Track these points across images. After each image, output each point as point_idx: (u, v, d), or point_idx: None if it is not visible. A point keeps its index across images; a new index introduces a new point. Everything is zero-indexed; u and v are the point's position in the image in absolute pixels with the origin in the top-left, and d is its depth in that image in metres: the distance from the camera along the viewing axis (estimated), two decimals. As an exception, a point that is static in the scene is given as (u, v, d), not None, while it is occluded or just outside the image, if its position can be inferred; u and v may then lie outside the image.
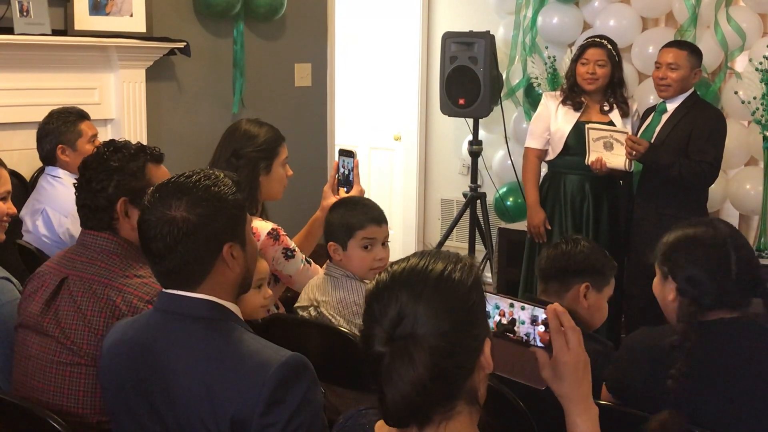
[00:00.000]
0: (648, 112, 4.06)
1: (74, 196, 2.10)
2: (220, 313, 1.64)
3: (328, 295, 2.45)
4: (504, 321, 1.47)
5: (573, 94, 4.07)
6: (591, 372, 1.49)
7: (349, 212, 2.50)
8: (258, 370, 1.52)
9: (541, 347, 1.44)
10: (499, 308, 1.48)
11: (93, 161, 2.07)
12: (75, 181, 2.11)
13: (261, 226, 2.62)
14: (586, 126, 3.91)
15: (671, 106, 3.89)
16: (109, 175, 2.04)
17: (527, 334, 1.45)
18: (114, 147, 2.10)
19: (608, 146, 3.85)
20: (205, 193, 1.64)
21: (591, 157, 3.88)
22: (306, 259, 2.72)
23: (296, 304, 2.58)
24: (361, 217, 2.48)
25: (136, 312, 1.88)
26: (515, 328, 1.46)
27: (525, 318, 1.46)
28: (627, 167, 3.84)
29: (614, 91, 4.05)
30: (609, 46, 4.03)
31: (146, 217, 1.65)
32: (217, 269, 1.64)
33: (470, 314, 1.25)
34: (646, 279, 3.88)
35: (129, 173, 2.05)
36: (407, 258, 1.31)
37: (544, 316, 1.44)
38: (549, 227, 4.11)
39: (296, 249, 2.69)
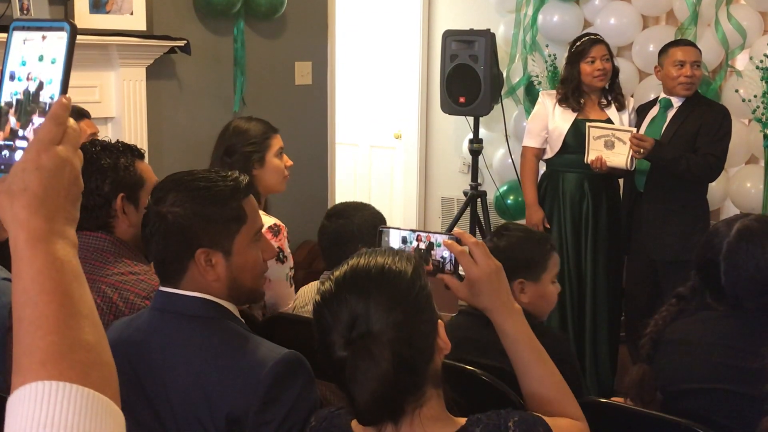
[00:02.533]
0: (643, 107, 4.04)
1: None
2: (216, 312, 1.64)
3: None
4: (422, 246, 1.51)
5: (576, 95, 4.03)
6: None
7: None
8: (254, 368, 1.52)
9: (449, 273, 1.48)
10: (415, 233, 1.53)
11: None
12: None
13: (264, 220, 2.61)
14: (587, 125, 3.88)
15: (676, 102, 3.88)
16: (103, 174, 2.05)
17: (443, 257, 1.49)
18: (101, 146, 2.10)
19: (609, 145, 3.82)
20: (189, 194, 1.63)
21: (590, 156, 3.85)
22: (292, 278, 2.68)
23: (297, 309, 2.56)
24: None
25: (134, 308, 1.89)
26: (432, 252, 1.50)
27: (441, 241, 1.51)
28: (628, 166, 3.81)
29: (612, 84, 4.05)
30: (605, 41, 4.05)
31: (146, 207, 1.69)
32: (192, 272, 1.63)
33: (418, 300, 1.29)
34: (648, 278, 3.95)
35: (122, 169, 2.07)
36: (346, 262, 1.33)
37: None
38: (548, 226, 4.10)
39: (289, 257, 2.66)
